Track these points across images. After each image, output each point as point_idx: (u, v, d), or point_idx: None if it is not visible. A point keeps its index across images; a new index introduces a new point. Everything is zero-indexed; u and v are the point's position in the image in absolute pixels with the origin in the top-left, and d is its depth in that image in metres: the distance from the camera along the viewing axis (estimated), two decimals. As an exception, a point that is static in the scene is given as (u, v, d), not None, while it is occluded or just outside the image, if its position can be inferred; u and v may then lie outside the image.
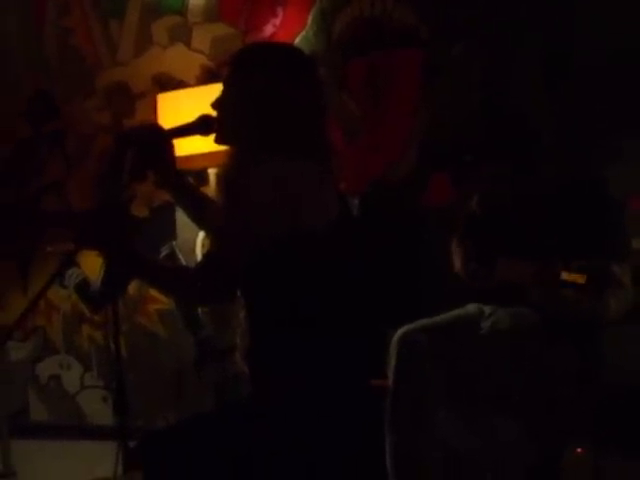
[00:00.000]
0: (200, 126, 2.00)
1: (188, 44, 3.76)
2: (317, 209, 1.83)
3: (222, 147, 1.99)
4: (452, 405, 2.61)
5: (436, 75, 3.30)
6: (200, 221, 2.14)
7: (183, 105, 3.08)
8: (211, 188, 3.19)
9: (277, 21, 3.58)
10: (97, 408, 3.91)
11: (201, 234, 3.58)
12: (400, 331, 2.64)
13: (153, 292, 3.79)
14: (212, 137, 1.99)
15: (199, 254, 3.59)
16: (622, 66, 2.98)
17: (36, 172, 4.02)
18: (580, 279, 2.30)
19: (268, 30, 3.59)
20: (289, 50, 2.09)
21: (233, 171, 1.85)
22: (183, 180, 2.10)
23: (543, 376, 2.49)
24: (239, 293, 1.89)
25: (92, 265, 3.78)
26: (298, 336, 1.82)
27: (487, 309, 2.70)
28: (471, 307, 2.75)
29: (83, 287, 3.92)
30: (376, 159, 3.41)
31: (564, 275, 2.32)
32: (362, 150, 3.42)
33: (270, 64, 1.90)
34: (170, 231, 3.71)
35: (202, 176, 3.29)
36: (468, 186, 3.09)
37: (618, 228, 2.60)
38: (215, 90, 1.99)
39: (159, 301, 3.80)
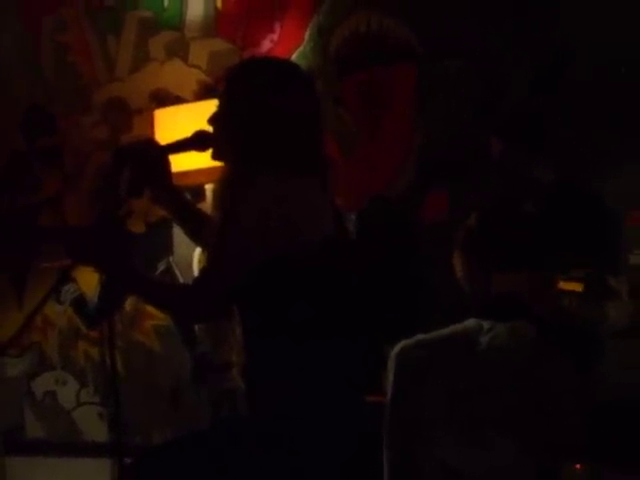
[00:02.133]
0: (196, 142, 2.00)
1: (185, 60, 3.77)
2: (313, 225, 1.82)
3: (219, 163, 1.99)
4: (450, 421, 2.60)
5: (432, 91, 3.31)
6: (197, 237, 2.14)
7: (180, 120, 3.08)
8: (207, 204, 3.19)
9: (274, 37, 3.59)
10: (93, 424, 3.89)
11: (198, 250, 3.57)
12: (398, 346, 2.63)
13: (149, 308, 3.77)
14: (209, 153, 1.99)
15: (196, 270, 3.58)
16: (621, 79, 2.99)
17: (31, 187, 4.02)
18: (578, 287, 2.30)
19: (265, 46, 3.60)
20: (284, 65, 2.09)
21: (228, 187, 1.85)
22: (179, 196, 2.10)
23: (541, 391, 2.49)
24: (235, 309, 1.89)
25: (89, 281, 3.77)
26: (293, 352, 1.82)
27: (486, 324, 2.69)
28: (470, 322, 2.74)
29: (79, 303, 3.91)
30: (373, 175, 3.42)
31: (562, 284, 2.33)
32: (359, 166, 3.42)
33: (265, 79, 1.90)
34: (167, 247, 3.70)
35: (198, 192, 3.29)
36: (466, 202, 3.10)
37: (615, 240, 2.61)
38: (212, 106, 1.99)
39: (155, 317, 3.78)
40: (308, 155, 1.88)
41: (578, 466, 2.52)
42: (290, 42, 3.54)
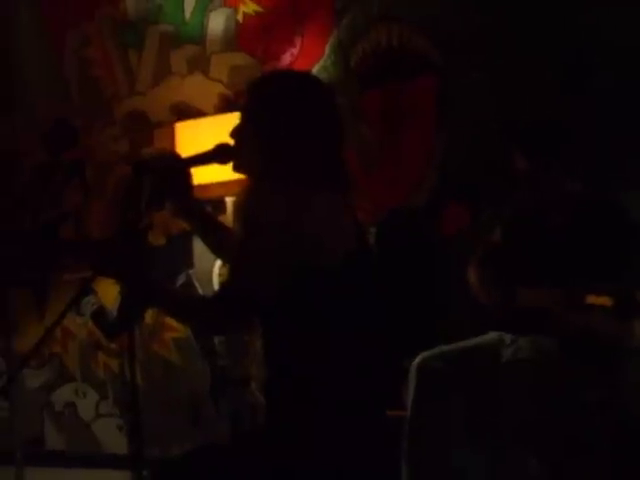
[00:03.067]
0: (217, 154, 2.00)
1: (206, 73, 3.79)
2: (335, 240, 1.81)
3: (239, 176, 1.99)
4: (471, 435, 2.57)
5: (453, 104, 3.30)
6: (218, 250, 2.14)
7: (201, 134, 3.09)
8: (228, 217, 3.19)
9: (295, 51, 3.60)
10: (112, 436, 3.89)
11: (218, 263, 3.58)
12: (418, 358, 2.62)
13: (169, 320, 3.78)
14: (229, 166, 1.99)
15: (216, 283, 3.59)
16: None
17: (54, 200, 4.04)
18: (606, 301, 2.28)
19: (286, 60, 3.61)
20: (307, 78, 2.09)
21: (251, 201, 1.85)
22: (201, 208, 2.11)
23: (564, 405, 2.46)
24: (257, 322, 1.89)
25: (109, 293, 3.79)
26: (314, 367, 1.81)
27: (508, 338, 2.67)
28: (492, 335, 2.72)
29: (100, 315, 3.92)
30: (394, 188, 3.41)
31: (590, 299, 2.30)
32: (380, 179, 3.42)
33: (288, 91, 1.90)
34: (187, 260, 3.71)
35: (219, 205, 3.29)
36: (486, 214, 3.08)
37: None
38: (233, 119, 1.99)
39: (175, 329, 3.79)
40: (331, 169, 1.88)
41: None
42: (311, 56, 3.55)
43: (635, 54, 3.01)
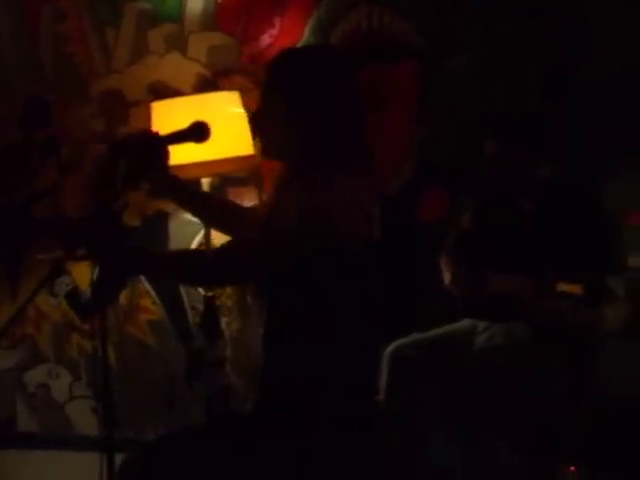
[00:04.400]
0: (194, 132, 1.98)
1: (184, 53, 3.75)
2: (357, 225, 1.79)
3: (215, 156, 1.97)
4: (443, 420, 2.59)
5: (433, 88, 3.29)
6: (210, 220, 2.11)
7: (178, 113, 3.05)
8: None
9: (274, 32, 3.57)
10: (86, 418, 3.87)
11: (194, 243, 3.56)
12: (391, 346, 2.63)
13: (144, 302, 3.76)
14: (205, 145, 1.97)
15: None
16: (623, 80, 2.98)
17: (28, 178, 3.99)
18: (577, 289, 2.29)
19: (265, 40, 3.58)
20: (334, 54, 2.01)
21: (283, 182, 1.80)
22: (180, 184, 2.08)
23: (536, 392, 2.48)
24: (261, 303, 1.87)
25: (83, 274, 3.75)
26: (319, 348, 1.79)
27: (481, 324, 2.69)
28: (465, 322, 2.74)
29: (74, 296, 3.89)
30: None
31: (560, 286, 2.31)
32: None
33: (314, 71, 1.83)
34: (163, 241, 3.68)
35: (195, 186, 3.26)
36: (459, 201, 3.08)
37: (612, 241, 2.60)
38: (210, 99, 1.97)
39: (150, 311, 3.77)
40: (358, 148, 1.83)
41: (572, 468, 2.51)
42: (290, 37, 3.52)
43: (623, 44, 3.01)
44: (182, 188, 2.06)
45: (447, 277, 2.79)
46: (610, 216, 2.64)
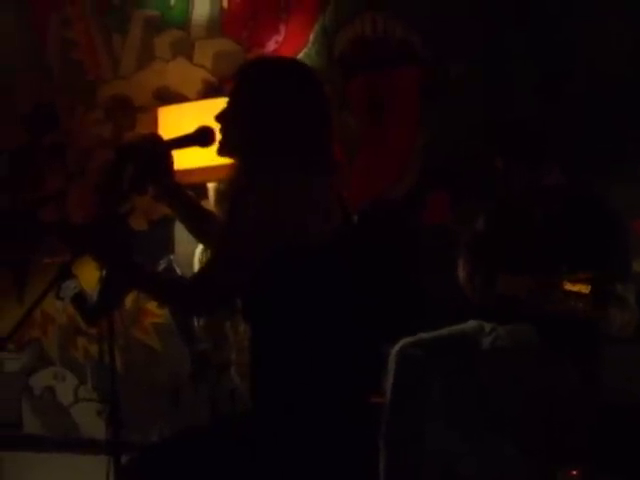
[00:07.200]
0: (199, 137, 2.00)
1: (190, 59, 3.77)
2: (319, 223, 1.82)
3: (221, 161, 1.99)
4: (449, 421, 2.59)
5: (435, 94, 3.31)
6: (200, 235, 2.14)
7: (184, 119, 3.08)
8: (210, 202, 3.19)
9: (279, 38, 3.60)
10: (91, 421, 3.89)
11: (199, 248, 3.58)
12: (398, 345, 2.63)
13: (149, 306, 3.77)
14: (211, 151, 1.99)
15: (197, 268, 3.58)
16: (626, 86, 2.99)
17: (34, 182, 4.02)
18: (584, 289, 2.28)
19: (270, 47, 3.61)
20: (293, 63, 2.10)
21: (236, 185, 1.85)
22: (183, 193, 2.10)
23: (541, 394, 2.48)
24: (240, 307, 1.89)
25: (89, 277, 3.77)
26: (298, 350, 1.81)
27: (488, 326, 2.69)
28: (472, 323, 2.74)
29: (80, 299, 3.91)
30: (375, 177, 3.42)
31: (567, 285, 2.30)
32: (361, 168, 3.43)
33: (275, 76, 1.91)
34: (168, 245, 3.70)
35: (201, 190, 3.29)
36: (468, 204, 3.09)
37: (622, 245, 2.60)
38: (217, 104, 1.99)
39: (155, 315, 3.78)
40: (317, 151, 1.88)
41: (574, 472, 2.51)
42: (295, 43, 3.54)
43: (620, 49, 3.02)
44: (183, 197, 2.09)
45: (462, 277, 2.80)
46: (620, 221, 2.64)
